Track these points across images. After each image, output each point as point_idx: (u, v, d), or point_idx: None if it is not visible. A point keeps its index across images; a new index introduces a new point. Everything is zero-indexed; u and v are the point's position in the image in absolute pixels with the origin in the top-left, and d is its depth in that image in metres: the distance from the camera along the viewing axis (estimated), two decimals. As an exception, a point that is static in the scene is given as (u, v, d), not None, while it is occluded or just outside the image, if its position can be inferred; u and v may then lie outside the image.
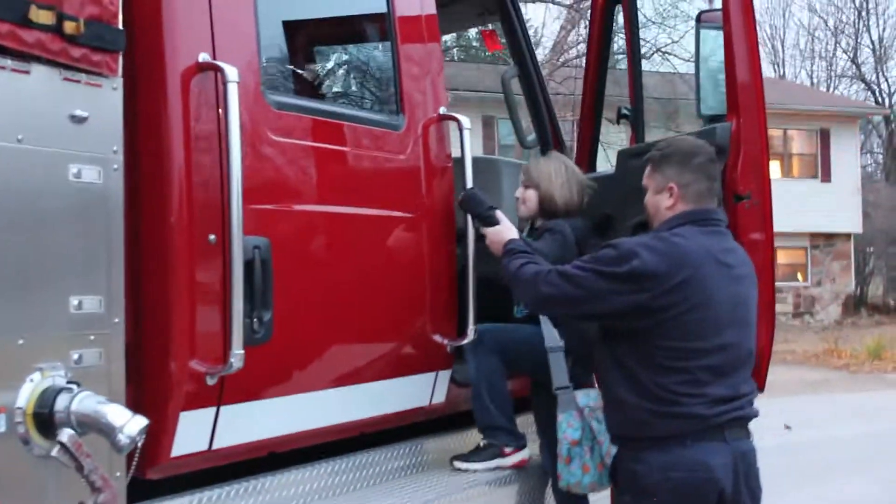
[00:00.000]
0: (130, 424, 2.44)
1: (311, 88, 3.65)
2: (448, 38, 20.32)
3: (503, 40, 4.90)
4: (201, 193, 2.87)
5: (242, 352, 2.85)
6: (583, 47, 18.80)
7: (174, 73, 2.84)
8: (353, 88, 3.79)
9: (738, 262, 3.51)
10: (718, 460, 3.33)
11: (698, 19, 4.56)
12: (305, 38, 3.63)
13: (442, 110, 3.89)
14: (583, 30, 19.65)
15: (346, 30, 3.86)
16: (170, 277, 2.83)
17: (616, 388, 3.43)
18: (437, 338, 3.85)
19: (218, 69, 2.87)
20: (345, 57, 3.86)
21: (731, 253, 3.51)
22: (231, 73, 2.84)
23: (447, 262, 3.89)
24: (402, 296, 3.69)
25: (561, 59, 21.27)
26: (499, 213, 3.80)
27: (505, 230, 3.73)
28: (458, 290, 3.93)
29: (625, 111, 4.78)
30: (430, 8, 3.93)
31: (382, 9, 3.71)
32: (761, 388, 3.97)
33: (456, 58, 19.85)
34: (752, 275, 3.59)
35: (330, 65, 3.72)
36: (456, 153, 3.91)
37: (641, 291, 3.29)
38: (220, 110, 2.88)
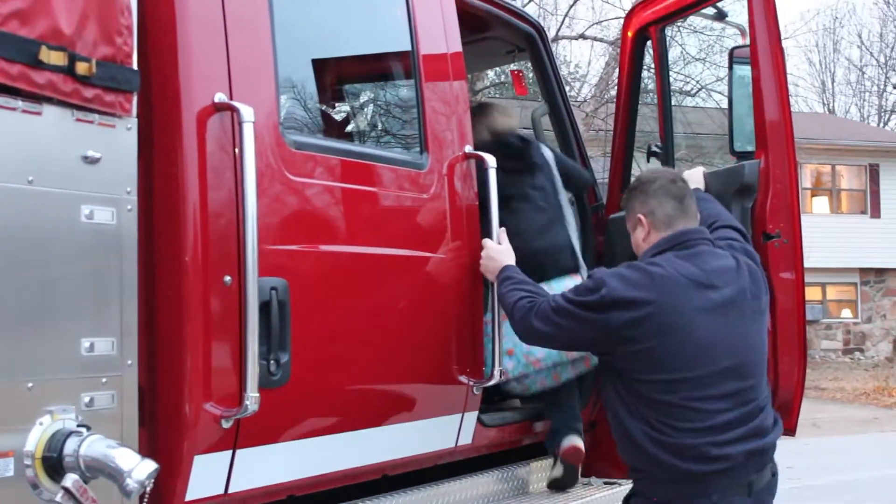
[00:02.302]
0: (139, 468, 2.40)
1: (331, 127, 3.62)
2: (491, 73, 20.31)
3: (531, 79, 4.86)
4: (217, 234, 2.84)
5: (258, 395, 2.80)
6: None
7: (190, 113, 2.82)
8: (376, 127, 3.76)
9: (726, 281, 3.42)
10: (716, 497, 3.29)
11: (731, 55, 4.51)
12: (326, 76, 3.60)
13: (467, 149, 3.85)
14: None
15: (369, 68, 3.85)
16: (184, 319, 2.79)
17: (625, 421, 3.41)
18: (463, 379, 3.79)
19: (234, 109, 2.85)
20: (367, 95, 3.83)
21: (717, 273, 3.43)
22: (246, 112, 2.82)
23: (472, 302, 3.84)
24: (426, 336, 3.64)
25: (606, 96, 21.21)
26: (502, 235, 3.80)
27: (504, 253, 3.73)
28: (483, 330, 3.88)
29: (655, 148, 4.72)
30: (456, 46, 3.91)
31: (406, 47, 3.70)
32: (792, 431, 3.90)
33: (495, 94, 19.84)
34: (750, 288, 3.47)
35: (351, 103, 3.69)
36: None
37: (611, 319, 3.33)
38: (237, 150, 2.86)
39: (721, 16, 4.57)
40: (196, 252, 2.81)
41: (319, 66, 3.53)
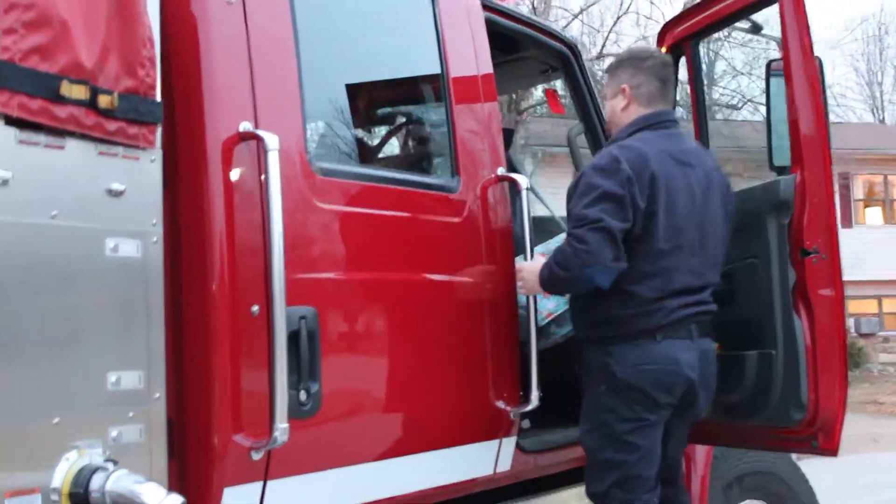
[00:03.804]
0: (165, 503, 2.38)
1: (360, 153, 3.60)
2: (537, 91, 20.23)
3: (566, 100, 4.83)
4: (243, 264, 2.82)
5: (287, 425, 2.77)
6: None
7: (215, 142, 2.81)
8: (406, 151, 3.73)
9: (697, 161, 3.77)
10: (685, 356, 3.65)
11: (768, 68, 4.42)
12: (354, 101, 3.58)
13: (500, 171, 3.81)
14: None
15: (398, 92, 3.83)
16: (211, 350, 2.77)
17: (589, 300, 3.67)
18: (500, 404, 3.74)
19: (259, 138, 2.83)
20: (397, 120, 3.81)
21: (689, 153, 3.76)
22: (271, 141, 2.80)
23: (509, 326, 3.78)
24: (461, 362, 3.60)
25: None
26: (536, 256, 3.81)
27: (537, 263, 3.73)
28: (521, 355, 3.82)
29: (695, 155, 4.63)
30: (487, 67, 3.88)
31: (436, 70, 3.67)
32: (834, 451, 3.82)
33: (541, 112, 19.75)
34: (712, 172, 3.83)
35: (381, 128, 3.67)
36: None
37: (635, 191, 3.53)
38: (262, 178, 2.84)
39: (756, 29, 4.50)
40: (223, 282, 2.79)
41: (347, 91, 3.51)
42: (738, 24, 4.53)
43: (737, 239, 4.09)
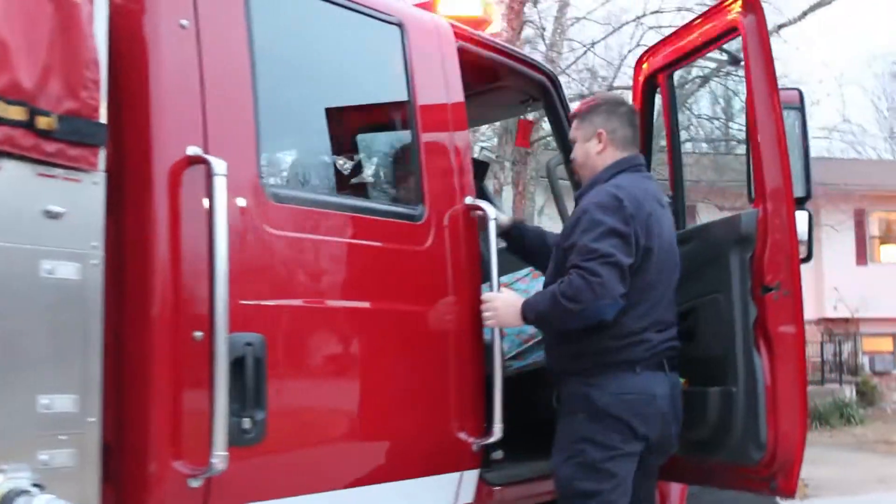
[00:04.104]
0: (88, 531, 2.35)
1: (318, 180, 3.57)
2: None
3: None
4: (187, 289, 2.80)
5: (225, 454, 2.74)
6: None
7: (161, 166, 2.80)
8: (368, 179, 3.69)
9: (665, 202, 3.94)
10: (660, 389, 3.73)
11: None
12: (315, 128, 3.54)
13: (468, 200, 3.78)
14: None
15: (362, 120, 3.79)
16: (150, 374, 2.75)
17: (574, 334, 3.69)
18: (463, 436, 3.69)
19: (207, 162, 2.81)
20: (360, 147, 3.76)
21: (662, 195, 3.94)
22: (218, 166, 2.79)
23: (472, 357, 3.74)
24: (420, 392, 3.56)
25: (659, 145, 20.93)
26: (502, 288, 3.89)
27: (513, 296, 3.81)
28: (485, 386, 3.78)
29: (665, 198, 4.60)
30: (457, 96, 3.87)
31: (403, 97, 3.66)
32: (791, 493, 3.78)
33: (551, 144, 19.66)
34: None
35: (342, 156, 3.62)
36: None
37: (635, 227, 3.62)
38: (209, 204, 2.82)
39: (735, 61, 4.48)
40: (164, 306, 2.77)
41: (307, 118, 3.49)
42: (717, 57, 4.49)
43: (700, 274, 4.06)
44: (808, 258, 4.31)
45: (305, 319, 3.16)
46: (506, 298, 3.77)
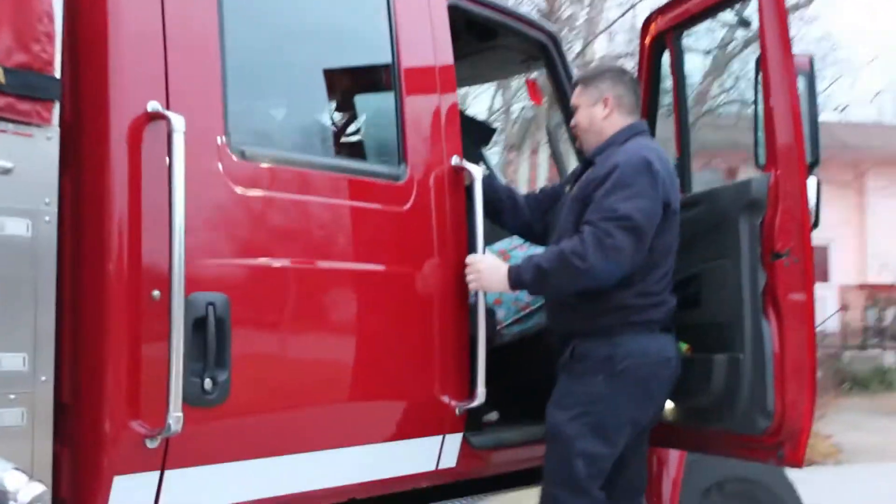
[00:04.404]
0: (24, 491, 2.31)
1: (290, 137, 3.48)
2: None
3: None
4: (146, 247, 2.74)
5: (180, 414, 2.69)
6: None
7: (119, 121, 2.73)
8: (345, 137, 3.62)
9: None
10: (672, 351, 3.76)
11: (757, 64, 4.25)
12: (288, 84, 3.44)
13: (454, 160, 3.70)
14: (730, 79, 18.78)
15: (340, 75, 3.69)
16: (106, 333, 2.70)
17: (603, 289, 3.61)
18: (445, 399, 3.63)
19: (166, 118, 2.75)
20: (338, 104, 3.68)
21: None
22: (177, 122, 2.72)
23: (456, 319, 3.67)
24: (399, 354, 3.49)
25: (704, 108, 20.52)
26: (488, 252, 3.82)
27: (498, 261, 3.72)
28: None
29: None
30: (446, 55, 3.76)
31: (385, 53, 3.56)
32: (799, 463, 3.67)
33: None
34: None
35: (318, 112, 3.54)
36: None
37: (664, 190, 3.60)
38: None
39: (745, 23, 4.34)
40: (121, 264, 2.71)
41: (279, 73, 3.39)
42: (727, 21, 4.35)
43: (707, 239, 3.95)
44: (815, 225, 4.18)
45: (275, 280, 3.09)
46: (490, 262, 3.69)
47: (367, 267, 3.38)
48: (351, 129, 3.66)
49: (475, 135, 5.18)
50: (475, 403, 3.67)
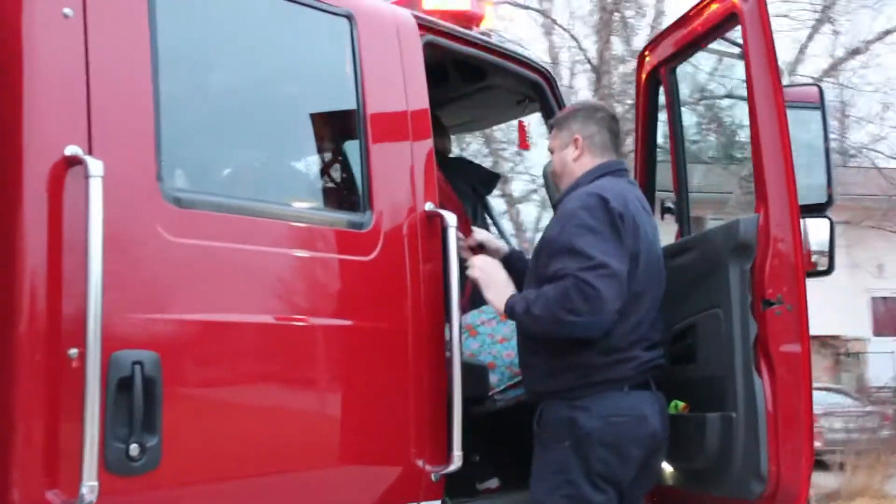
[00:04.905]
0: None
1: (236, 183, 3.27)
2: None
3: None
4: (62, 303, 2.54)
5: (95, 483, 2.47)
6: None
7: (35, 167, 2.55)
8: (302, 183, 3.40)
9: (649, 211, 3.69)
10: (649, 408, 3.46)
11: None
12: (231, 123, 3.22)
13: (428, 206, 3.48)
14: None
15: (298, 118, 3.47)
16: (16, 395, 2.50)
17: (558, 349, 3.42)
18: (419, 463, 3.38)
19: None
20: (292, 147, 3.45)
21: (645, 202, 3.65)
22: (94, 166, 2.53)
23: (429, 378, 3.42)
24: (364, 415, 3.24)
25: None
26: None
27: (498, 283, 3.60)
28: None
29: (668, 204, 4.23)
30: (419, 95, 3.57)
31: (349, 95, 3.36)
32: None
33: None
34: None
35: (267, 156, 3.33)
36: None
37: (624, 227, 3.37)
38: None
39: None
40: (33, 321, 2.52)
41: (221, 111, 3.18)
42: (725, 49, 4.11)
43: (699, 287, 3.69)
44: (829, 270, 3.90)
45: (218, 337, 2.87)
46: (494, 268, 3.63)
47: (325, 321, 3.15)
48: (308, 174, 3.44)
49: (477, 181, 4.98)
50: (451, 468, 3.41)
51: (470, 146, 14.36)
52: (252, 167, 3.34)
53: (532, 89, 4.35)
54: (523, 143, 4.58)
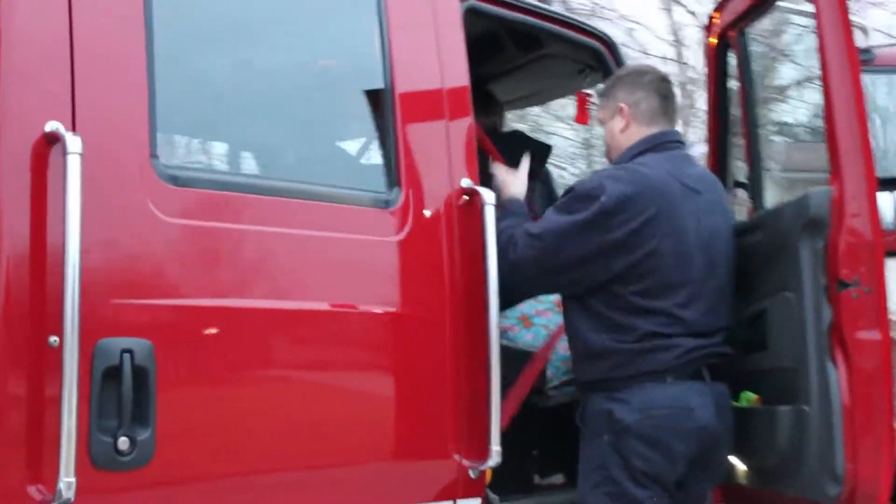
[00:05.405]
0: None
1: (242, 158, 3.09)
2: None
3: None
4: (42, 288, 2.39)
5: (73, 479, 2.31)
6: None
7: (13, 145, 2.38)
8: (320, 158, 3.19)
9: (706, 188, 3.40)
10: (698, 401, 3.24)
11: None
12: (237, 94, 3.00)
13: (465, 182, 3.24)
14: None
15: (315, 86, 3.23)
16: (-7, 386, 2.36)
17: (590, 335, 3.30)
18: (456, 459, 3.16)
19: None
20: (308, 119, 3.21)
21: (698, 178, 3.40)
22: (73, 143, 2.36)
23: (468, 368, 3.18)
24: (390, 407, 3.04)
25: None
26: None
27: (510, 182, 3.55)
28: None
29: (740, 179, 3.89)
30: (456, 63, 3.33)
31: (374, 62, 3.14)
32: None
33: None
34: (722, 202, 3.49)
35: (279, 129, 3.09)
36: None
37: (615, 228, 3.18)
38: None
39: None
40: (9, 307, 2.37)
41: (225, 79, 2.97)
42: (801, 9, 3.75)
43: (770, 268, 3.37)
44: None
45: (221, 324, 2.69)
46: (502, 184, 3.57)
47: (344, 306, 2.94)
48: (325, 148, 3.23)
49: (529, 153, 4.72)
50: (489, 464, 3.18)
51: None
52: (259, 140, 3.14)
53: (592, 57, 4.06)
54: (581, 117, 4.29)
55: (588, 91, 4.25)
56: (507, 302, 3.41)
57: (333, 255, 2.95)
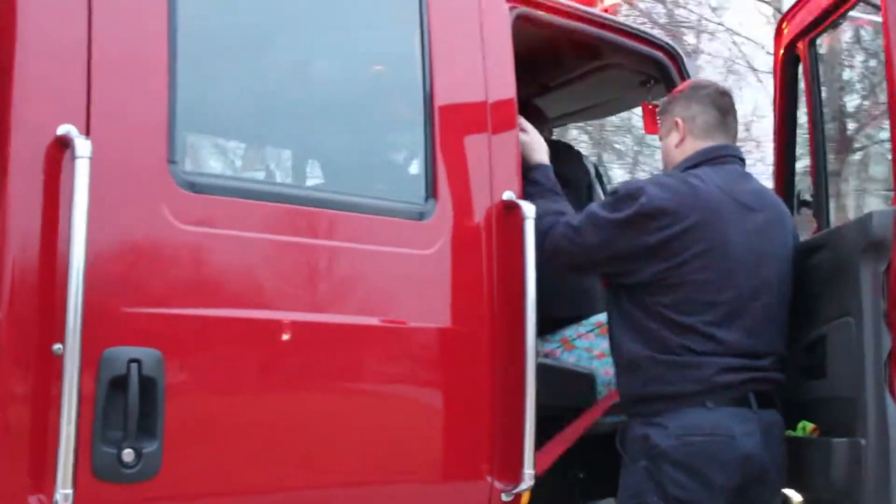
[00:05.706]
0: None
1: (266, 166, 3.00)
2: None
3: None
4: (49, 294, 2.35)
5: (70, 491, 2.26)
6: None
7: (23, 148, 2.36)
8: (349, 167, 3.09)
9: (764, 205, 3.27)
10: (741, 427, 3.08)
11: None
12: (261, 99, 2.90)
13: (506, 195, 3.12)
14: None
15: (349, 90, 3.12)
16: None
17: (627, 343, 3.21)
18: (488, 480, 3.04)
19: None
20: (338, 126, 3.12)
21: (755, 195, 3.27)
22: (82, 146, 2.32)
23: (504, 388, 3.06)
24: (417, 427, 2.94)
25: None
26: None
27: (536, 145, 3.41)
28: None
29: (806, 197, 3.69)
30: (502, 71, 3.22)
31: (414, 74, 3.04)
32: None
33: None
34: (783, 219, 3.34)
35: (305, 135, 3.01)
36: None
37: (650, 232, 3.10)
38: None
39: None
40: (13, 313, 2.33)
41: (250, 84, 2.87)
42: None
43: (829, 292, 3.17)
44: None
45: (237, 336, 2.62)
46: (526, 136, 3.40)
47: (370, 320, 2.85)
48: (355, 158, 3.13)
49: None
50: (521, 488, 3.05)
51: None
52: (284, 146, 3.06)
53: (655, 68, 3.90)
54: (649, 127, 4.13)
55: (655, 102, 4.08)
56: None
57: (359, 267, 2.87)
